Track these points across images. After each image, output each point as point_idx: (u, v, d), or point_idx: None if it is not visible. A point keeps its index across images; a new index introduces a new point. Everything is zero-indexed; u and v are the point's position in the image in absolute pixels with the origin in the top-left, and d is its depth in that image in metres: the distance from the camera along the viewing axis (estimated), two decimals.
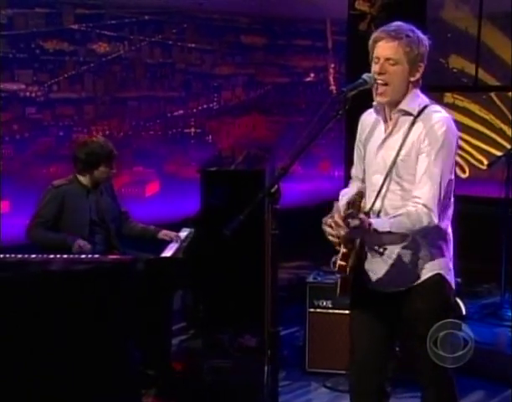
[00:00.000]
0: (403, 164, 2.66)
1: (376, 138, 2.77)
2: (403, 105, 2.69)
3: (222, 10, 6.83)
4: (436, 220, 2.58)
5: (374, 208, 2.69)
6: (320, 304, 4.25)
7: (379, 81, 2.66)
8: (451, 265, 2.76)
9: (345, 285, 2.69)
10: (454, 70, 6.52)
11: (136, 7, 6.27)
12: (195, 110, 6.73)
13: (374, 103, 2.76)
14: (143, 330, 3.76)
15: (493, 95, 6.49)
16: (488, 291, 5.62)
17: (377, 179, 2.72)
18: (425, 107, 2.69)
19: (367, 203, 2.74)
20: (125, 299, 3.71)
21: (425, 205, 2.57)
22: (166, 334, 4.00)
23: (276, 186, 2.53)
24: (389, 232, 2.54)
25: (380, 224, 2.53)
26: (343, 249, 2.61)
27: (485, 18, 6.28)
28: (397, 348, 2.93)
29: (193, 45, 6.68)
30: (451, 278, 2.76)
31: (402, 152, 2.66)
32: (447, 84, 6.36)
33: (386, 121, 2.76)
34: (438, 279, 2.72)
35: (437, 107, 2.72)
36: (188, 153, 6.67)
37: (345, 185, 7.54)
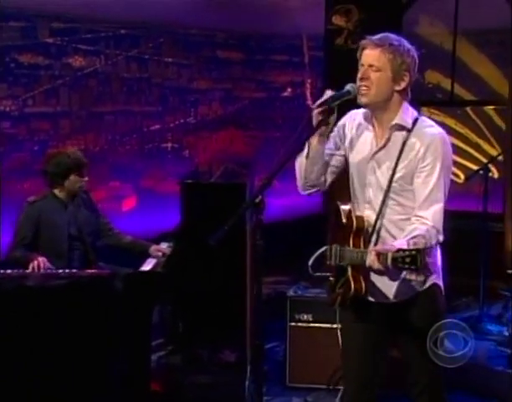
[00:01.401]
0: (401, 181, 2.69)
1: (365, 146, 2.78)
2: (398, 120, 2.71)
3: (199, 25, 6.83)
4: (442, 239, 2.62)
5: (376, 225, 2.72)
6: (301, 318, 4.23)
7: (361, 87, 2.68)
8: (441, 272, 2.81)
9: (346, 297, 2.73)
10: (430, 85, 6.60)
11: (112, 21, 6.24)
12: (172, 125, 6.71)
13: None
14: (122, 346, 3.71)
15: (468, 109, 6.59)
16: (467, 304, 5.65)
17: (371, 194, 2.75)
18: (416, 120, 2.72)
19: (357, 210, 2.77)
20: (103, 314, 3.66)
21: (434, 227, 2.62)
22: (145, 350, 3.94)
23: (260, 196, 2.52)
24: None
25: (406, 246, 2.53)
26: (355, 273, 2.65)
27: (460, 34, 6.37)
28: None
29: (170, 60, 6.66)
30: (442, 284, 2.81)
31: (399, 169, 2.68)
32: (423, 98, 6.44)
33: (373, 129, 2.77)
34: (435, 289, 2.78)
35: (428, 121, 2.76)
36: (165, 168, 6.62)
37: (324, 201, 7.54)
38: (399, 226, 2.72)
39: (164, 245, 4.32)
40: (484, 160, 5.83)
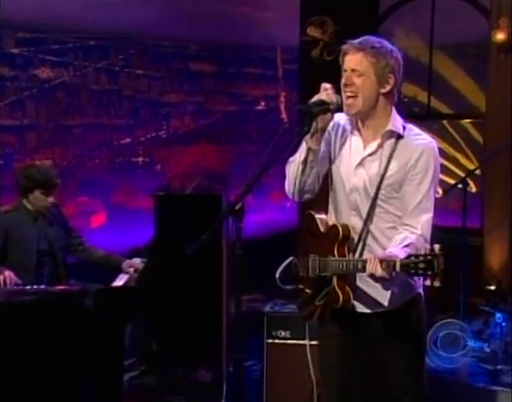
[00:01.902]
0: (389, 188, 2.71)
1: (351, 150, 2.78)
2: (391, 126, 2.73)
3: (171, 36, 6.83)
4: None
5: (363, 233, 2.72)
6: (279, 334, 4.21)
7: (347, 93, 2.70)
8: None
9: (327, 310, 2.73)
10: (406, 98, 6.68)
11: (81, 32, 6.21)
12: (143, 139, 6.67)
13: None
14: (93, 365, 3.66)
15: (445, 123, 6.68)
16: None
17: (358, 200, 2.75)
18: (404, 127, 2.74)
19: (341, 219, 2.77)
20: (73, 332, 3.61)
21: (422, 236, 2.65)
22: (117, 369, 3.89)
23: (240, 203, 2.51)
24: None
25: (402, 255, 2.54)
26: (341, 283, 2.66)
27: (436, 47, 6.47)
28: None
29: (141, 72, 6.63)
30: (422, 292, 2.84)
31: (388, 176, 2.70)
32: (399, 112, 6.50)
33: (360, 134, 2.78)
34: (419, 298, 2.81)
35: (415, 128, 2.79)
36: (136, 183, 6.57)
37: (299, 216, 7.57)
38: (386, 234, 2.74)
39: (137, 260, 4.28)
40: (462, 174, 5.90)
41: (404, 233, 2.66)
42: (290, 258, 2.90)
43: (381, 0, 6.41)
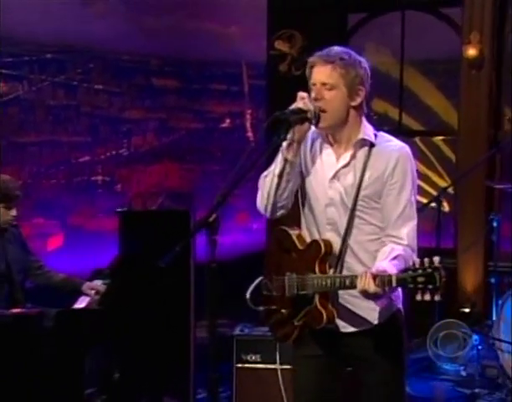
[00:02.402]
0: (367, 199, 2.69)
1: (324, 163, 2.76)
2: (362, 135, 2.71)
3: (132, 50, 6.79)
4: (416, 259, 2.57)
5: (342, 248, 2.69)
6: (249, 358, 4.16)
7: (319, 108, 2.67)
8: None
9: (305, 331, 2.69)
10: (376, 116, 6.73)
11: (37, 44, 6.13)
12: (102, 157, 6.59)
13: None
14: (51, 393, 3.55)
15: (417, 140, 6.73)
16: (418, 345, 5.69)
17: (334, 213, 2.72)
18: (376, 135, 2.74)
19: (315, 235, 2.74)
20: (30, 358, 3.51)
21: (409, 246, 2.63)
22: (77, 400, 3.78)
23: (215, 215, 2.46)
24: None
25: (392, 268, 2.51)
26: (323, 301, 2.63)
27: (407, 63, 6.55)
28: None
29: (100, 87, 6.57)
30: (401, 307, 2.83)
31: (365, 187, 2.68)
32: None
33: (331, 146, 2.76)
34: (398, 315, 2.78)
35: (387, 135, 2.78)
36: (95, 203, 6.49)
37: (267, 238, 7.52)
38: (365, 248, 2.71)
39: (98, 282, 4.20)
40: (434, 192, 5.94)
41: (389, 245, 2.63)
42: (260, 278, 2.83)
43: (349, 14, 6.45)
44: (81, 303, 3.99)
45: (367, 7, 6.44)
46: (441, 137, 6.75)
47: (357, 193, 2.68)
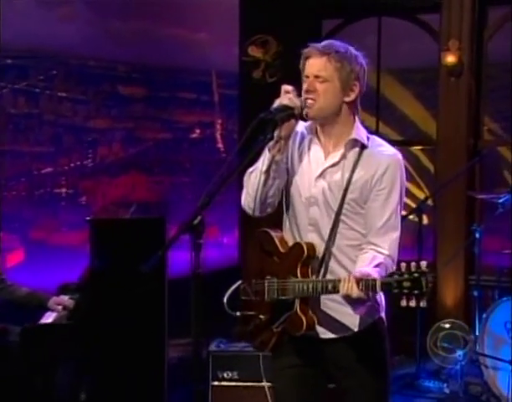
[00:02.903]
0: (353, 203, 2.66)
1: (311, 160, 2.73)
2: (355, 135, 2.69)
3: (98, 56, 6.73)
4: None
5: (326, 252, 2.66)
6: (225, 376, 4.09)
7: (307, 101, 2.65)
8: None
9: (284, 338, 2.65)
10: None
11: None
12: (66, 168, 6.53)
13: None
14: None
15: None
16: (400, 362, 5.68)
17: (317, 214, 2.69)
18: (368, 138, 2.71)
19: (297, 236, 2.71)
20: None
21: (390, 256, 2.61)
22: None
23: (200, 217, 2.39)
24: None
25: (375, 274, 2.49)
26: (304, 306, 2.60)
27: (384, 71, 6.56)
28: None
29: (64, 94, 6.51)
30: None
31: (352, 190, 2.65)
32: None
33: (320, 143, 2.74)
34: (380, 322, 2.75)
35: (379, 139, 2.75)
36: (58, 217, 6.42)
37: (239, 253, 7.44)
38: (346, 253, 2.69)
39: (65, 297, 4.09)
40: (413, 204, 5.94)
41: (371, 252, 2.62)
42: (239, 282, 2.80)
43: (325, 19, 6.45)
44: (48, 318, 3.89)
45: (343, 13, 6.45)
46: (419, 147, 6.76)
47: (344, 195, 2.66)
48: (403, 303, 2.38)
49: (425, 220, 6.44)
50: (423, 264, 2.37)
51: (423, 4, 6.25)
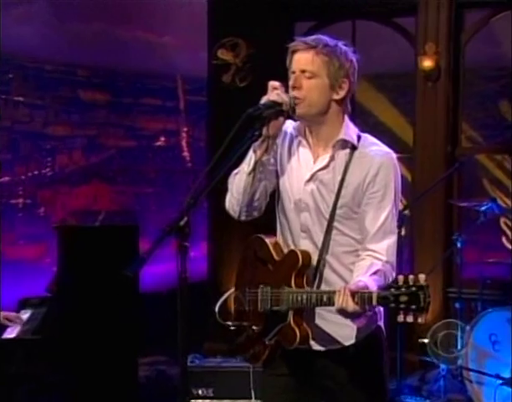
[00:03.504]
0: (345, 208, 2.61)
1: (300, 164, 2.68)
2: (343, 135, 2.63)
3: (57, 60, 6.64)
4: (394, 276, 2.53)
5: (320, 260, 2.61)
6: (200, 393, 4.01)
7: (294, 97, 2.60)
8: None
9: (277, 351, 2.59)
10: None
11: None
12: (23, 177, 6.45)
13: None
14: None
15: None
16: None
17: (308, 220, 2.64)
18: (359, 137, 2.66)
19: (289, 243, 2.66)
20: None
21: (388, 262, 2.56)
22: None
23: (186, 218, 2.30)
24: None
25: (373, 285, 2.43)
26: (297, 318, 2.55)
27: (358, 76, 6.53)
28: None
29: (21, 99, 6.44)
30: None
31: (344, 194, 2.60)
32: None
33: (308, 145, 2.69)
34: (378, 332, 2.70)
35: (372, 138, 2.70)
36: (15, 229, 6.29)
37: (209, 267, 7.32)
38: (341, 260, 2.64)
39: (27, 313, 3.96)
40: None
41: (368, 259, 2.57)
42: (231, 290, 2.75)
43: (297, 22, 6.42)
44: (10, 334, 3.76)
45: (315, 16, 6.43)
46: (396, 155, 6.75)
47: (336, 200, 2.60)
48: (400, 318, 2.33)
49: (402, 232, 6.41)
50: (422, 277, 2.30)
51: (399, 7, 6.25)
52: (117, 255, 2.77)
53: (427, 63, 5.97)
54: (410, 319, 2.31)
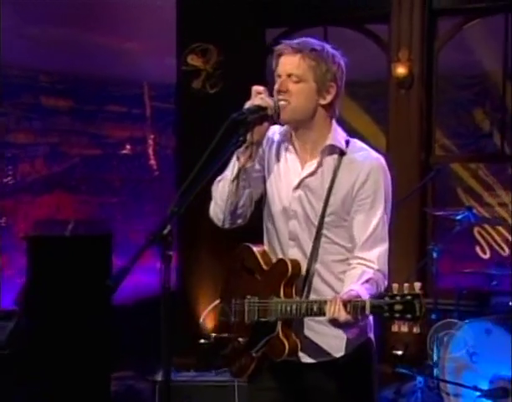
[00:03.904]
0: (334, 216, 2.60)
1: (287, 170, 2.67)
2: (331, 140, 2.62)
3: (17, 64, 6.53)
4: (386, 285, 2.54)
5: (310, 269, 2.59)
6: None
7: (280, 101, 2.58)
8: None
9: (263, 363, 2.58)
10: None
11: None
12: None
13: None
14: None
15: None
16: None
17: (297, 228, 2.62)
18: (347, 142, 2.65)
19: (278, 252, 2.63)
20: None
21: (380, 270, 2.56)
22: None
23: (169, 226, 2.26)
24: None
25: (365, 294, 2.42)
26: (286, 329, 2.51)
27: None
28: None
29: None
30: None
31: (333, 201, 2.59)
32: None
33: (295, 150, 2.67)
34: (368, 344, 2.69)
35: (360, 143, 2.69)
36: None
37: (178, 278, 7.23)
38: (331, 269, 2.63)
39: None
40: None
41: (359, 267, 2.56)
42: (217, 301, 2.72)
43: (268, 28, 6.41)
44: None
45: (287, 22, 6.43)
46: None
47: (324, 208, 2.59)
48: (394, 328, 2.32)
49: None
50: (417, 285, 2.29)
51: (371, 13, 6.28)
52: (90, 266, 2.69)
53: (401, 70, 6.01)
54: (405, 329, 2.30)
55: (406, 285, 2.30)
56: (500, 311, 4.99)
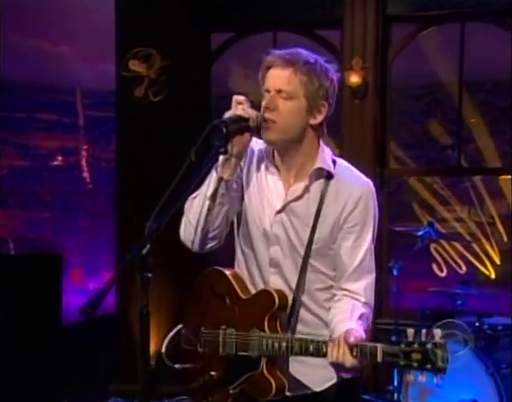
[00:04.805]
0: (321, 244, 2.52)
1: (269, 192, 2.58)
2: (320, 163, 2.54)
3: None
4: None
5: (296, 300, 2.52)
6: None
7: (267, 119, 2.49)
8: None
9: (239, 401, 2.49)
10: None
11: None
12: None
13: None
14: None
15: None
16: None
17: (279, 254, 2.54)
18: (334, 162, 2.58)
19: (256, 280, 2.56)
20: None
21: (367, 303, 2.50)
22: None
23: (148, 246, 2.13)
24: None
25: (363, 334, 2.36)
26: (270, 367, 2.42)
27: None
28: None
29: None
30: None
31: (319, 230, 2.50)
32: None
33: (278, 172, 2.58)
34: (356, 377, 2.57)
35: (346, 163, 2.62)
36: None
37: (116, 299, 7.01)
38: (315, 298, 2.56)
39: None
40: None
41: (347, 301, 2.49)
42: (179, 326, 2.61)
43: (213, 32, 6.29)
44: None
45: (234, 26, 6.32)
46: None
47: (311, 235, 2.51)
48: (410, 378, 2.25)
49: None
50: (438, 333, 2.21)
51: (323, 19, 6.23)
52: (38, 286, 2.54)
53: (355, 79, 5.96)
54: (423, 379, 2.23)
55: (424, 331, 2.23)
56: (466, 331, 4.98)
